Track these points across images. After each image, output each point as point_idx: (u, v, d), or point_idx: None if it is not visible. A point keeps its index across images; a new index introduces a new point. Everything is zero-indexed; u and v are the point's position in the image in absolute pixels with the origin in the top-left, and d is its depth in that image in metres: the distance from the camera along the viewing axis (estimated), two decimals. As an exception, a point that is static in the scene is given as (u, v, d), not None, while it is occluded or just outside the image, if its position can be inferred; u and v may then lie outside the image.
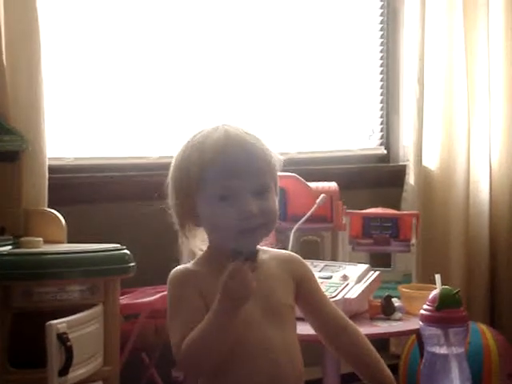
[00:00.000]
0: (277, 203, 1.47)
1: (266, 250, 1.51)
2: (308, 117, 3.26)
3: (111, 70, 2.86)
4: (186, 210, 1.47)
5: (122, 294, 2.39)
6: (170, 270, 2.76)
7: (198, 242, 1.51)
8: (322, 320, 1.52)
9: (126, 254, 2.30)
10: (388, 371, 1.52)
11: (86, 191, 2.72)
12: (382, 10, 3.41)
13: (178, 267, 1.49)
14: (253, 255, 1.38)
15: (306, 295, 1.52)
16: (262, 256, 1.47)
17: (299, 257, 1.56)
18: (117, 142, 2.88)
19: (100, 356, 2.23)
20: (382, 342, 1.66)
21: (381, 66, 3.43)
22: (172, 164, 1.50)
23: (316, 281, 1.56)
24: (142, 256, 2.38)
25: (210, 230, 1.47)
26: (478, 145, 3.37)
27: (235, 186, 1.42)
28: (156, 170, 2.89)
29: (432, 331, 1.49)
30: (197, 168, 1.43)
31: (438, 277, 1.52)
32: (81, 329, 2.13)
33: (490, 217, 3.37)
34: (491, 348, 2.96)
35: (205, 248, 1.51)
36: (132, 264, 2.30)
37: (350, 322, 1.54)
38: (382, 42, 3.42)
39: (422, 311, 1.50)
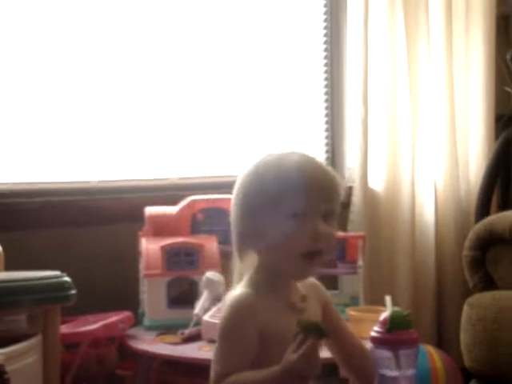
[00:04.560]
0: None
1: None
2: (252, 139, 3.24)
3: (47, 91, 2.81)
4: (251, 230, 1.47)
5: (63, 323, 2.34)
6: (112, 298, 2.71)
7: (248, 266, 1.52)
8: (341, 342, 1.59)
9: (66, 281, 2.25)
10: None
11: (24, 217, 2.68)
12: (325, 31, 3.41)
13: (244, 293, 1.47)
14: (324, 333, 1.37)
15: (330, 320, 1.58)
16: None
17: (318, 282, 1.63)
18: (55, 166, 2.83)
19: (40, 388, 2.16)
20: (331, 367, 1.63)
21: (325, 86, 3.43)
22: (239, 183, 1.51)
23: (333, 304, 1.63)
24: (82, 283, 2.33)
25: (271, 250, 1.47)
26: (422, 167, 3.37)
27: (310, 206, 1.44)
28: (96, 195, 2.84)
29: (383, 353, 1.46)
30: (273, 184, 1.45)
31: (388, 298, 1.50)
32: (19, 360, 2.07)
33: (435, 239, 3.37)
34: (438, 370, 2.94)
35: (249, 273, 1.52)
36: (73, 292, 2.25)
37: (363, 343, 1.61)
38: (325, 63, 3.42)
39: (373, 333, 1.47)
